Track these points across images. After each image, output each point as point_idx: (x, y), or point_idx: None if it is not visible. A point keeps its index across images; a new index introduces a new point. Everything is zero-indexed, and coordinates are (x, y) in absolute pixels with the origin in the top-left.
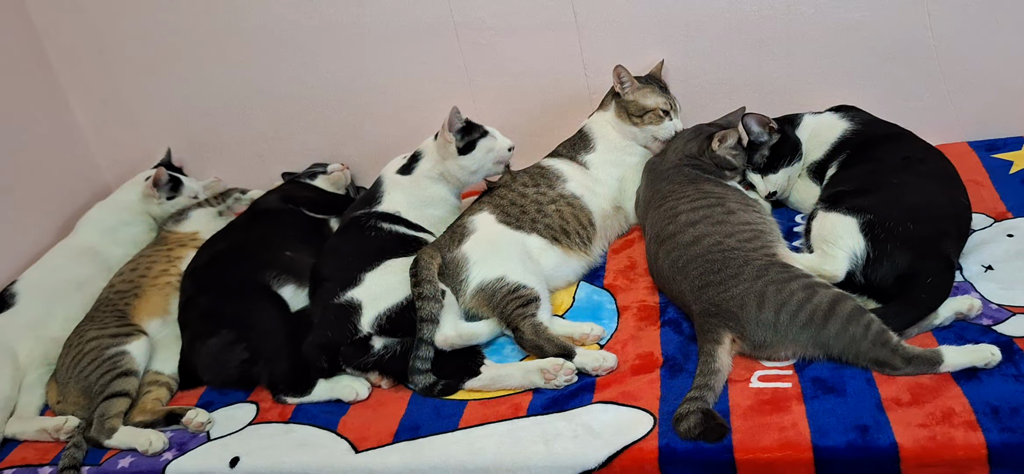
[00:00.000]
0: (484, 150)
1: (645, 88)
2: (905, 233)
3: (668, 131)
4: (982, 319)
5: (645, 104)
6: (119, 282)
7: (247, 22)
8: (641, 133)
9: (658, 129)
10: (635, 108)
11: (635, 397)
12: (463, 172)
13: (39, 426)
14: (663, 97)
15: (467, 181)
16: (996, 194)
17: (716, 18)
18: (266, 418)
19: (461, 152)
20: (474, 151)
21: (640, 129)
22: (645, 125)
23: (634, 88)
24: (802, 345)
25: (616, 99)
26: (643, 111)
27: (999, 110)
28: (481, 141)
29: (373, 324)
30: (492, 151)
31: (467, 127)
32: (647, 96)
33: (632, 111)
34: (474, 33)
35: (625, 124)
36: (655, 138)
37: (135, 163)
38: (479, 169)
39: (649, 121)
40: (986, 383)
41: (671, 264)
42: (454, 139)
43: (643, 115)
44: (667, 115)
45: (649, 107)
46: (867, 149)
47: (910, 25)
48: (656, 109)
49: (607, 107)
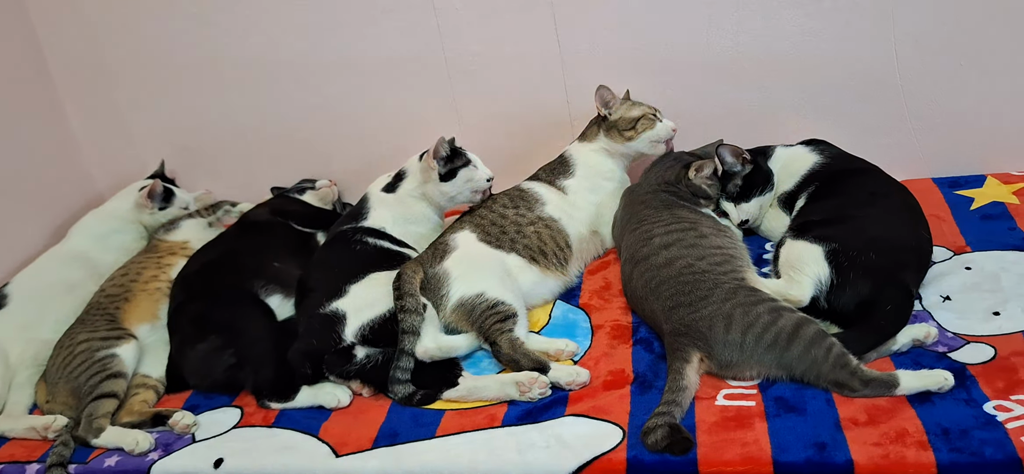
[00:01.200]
0: (464, 179)
1: (627, 103)
2: (867, 263)
3: (665, 129)
4: (938, 346)
5: (632, 115)
6: (110, 287)
7: (242, 42)
8: (638, 144)
9: (654, 132)
10: (624, 122)
11: (606, 411)
12: (442, 197)
13: (28, 424)
14: (644, 105)
15: (445, 205)
16: (957, 228)
17: (693, 53)
18: (250, 422)
19: (442, 178)
20: (454, 179)
21: (637, 140)
22: (640, 133)
23: (619, 104)
24: (766, 366)
25: (603, 124)
26: (633, 122)
27: (962, 148)
28: (462, 170)
29: (356, 334)
30: (471, 181)
31: (452, 154)
32: (631, 109)
33: (623, 127)
34: (461, 59)
35: (619, 144)
36: (654, 142)
37: (128, 173)
38: (458, 195)
39: (643, 128)
40: (938, 406)
41: (644, 285)
42: (437, 166)
43: (635, 125)
44: (656, 117)
45: (638, 116)
46: (835, 182)
47: (879, 65)
48: (645, 114)
49: (593, 138)
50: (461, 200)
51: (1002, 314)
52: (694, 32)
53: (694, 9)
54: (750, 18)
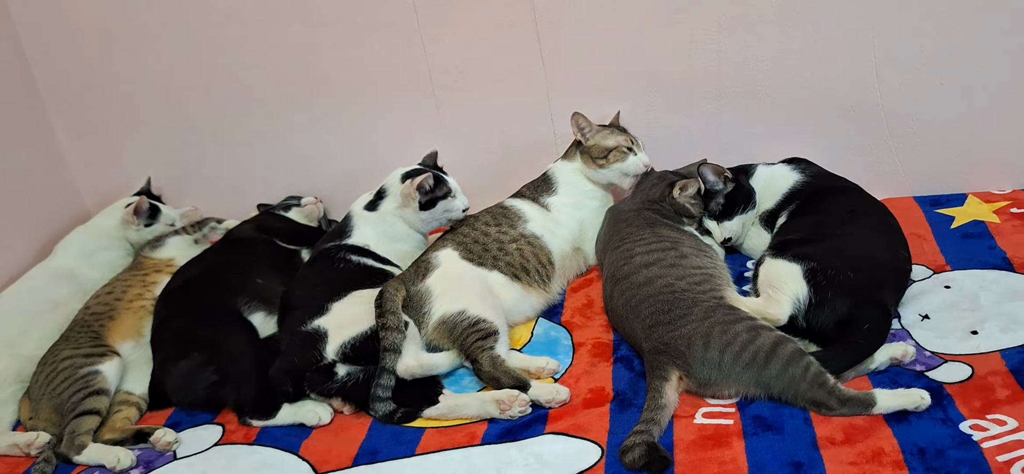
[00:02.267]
0: (441, 210)
1: (605, 130)
2: (846, 281)
3: (636, 165)
4: (916, 365)
5: (606, 145)
6: (95, 304)
7: (229, 60)
8: (609, 173)
9: (625, 165)
10: (598, 150)
11: (585, 429)
12: (419, 222)
13: (11, 441)
14: (623, 135)
15: (421, 228)
16: (937, 247)
17: (677, 72)
18: (231, 439)
19: (422, 208)
20: (434, 209)
21: (607, 169)
22: (611, 164)
23: (594, 132)
24: (744, 384)
25: (579, 147)
26: (606, 152)
27: (943, 167)
28: (442, 201)
29: (338, 352)
30: (449, 211)
31: (434, 184)
32: (607, 137)
33: (595, 154)
34: (446, 77)
35: (591, 169)
36: (624, 174)
37: (115, 190)
38: (433, 222)
39: (614, 159)
40: (915, 425)
41: (625, 303)
42: (418, 196)
43: (607, 155)
44: (630, 151)
45: (611, 146)
46: (815, 200)
47: (860, 85)
48: (619, 147)
49: (572, 157)
50: (435, 225)
51: (980, 333)
52: (677, 53)
53: (677, 30)
54: (732, 39)
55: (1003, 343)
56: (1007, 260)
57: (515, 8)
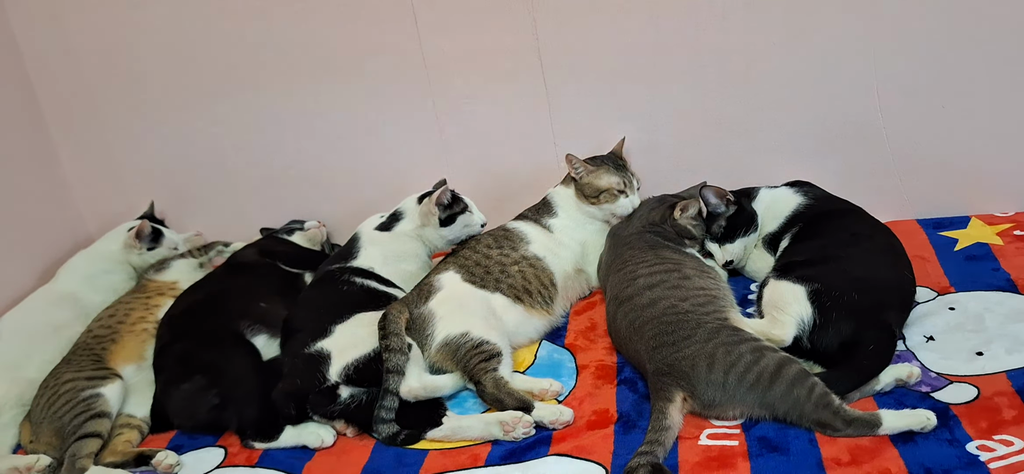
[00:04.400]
0: (462, 225)
1: (599, 169)
2: (850, 303)
3: (624, 208)
4: (921, 386)
5: (599, 185)
6: (97, 327)
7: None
8: (599, 211)
9: (614, 207)
10: (590, 190)
11: (589, 451)
12: (440, 240)
13: (11, 464)
14: (617, 176)
15: (441, 247)
16: (941, 269)
17: (680, 95)
18: (234, 462)
19: (442, 224)
20: (453, 224)
21: (598, 208)
22: (602, 204)
23: (587, 172)
24: (749, 405)
25: (574, 181)
26: (598, 192)
27: (946, 190)
28: (461, 216)
29: (341, 374)
30: (468, 227)
31: (452, 200)
32: (600, 177)
33: (588, 193)
34: (449, 101)
35: (584, 204)
36: (613, 214)
37: (118, 215)
38: (454, 238)
39: (605, 200)
40: (922, 446)
41: (628, 324)
42: (438, 211)
43: (598, 195)
44: (622, 193)
45: (603, 187)
46: (819, 223)
47: (862, 108)
48: (610, 189)
49: (569, 185)
50: (455, 242)
51: (985, 354)
52: (679, 77)
53: (679, 54)
54: (734, 62)
55: (1009, 364)
56: (1011, 282)
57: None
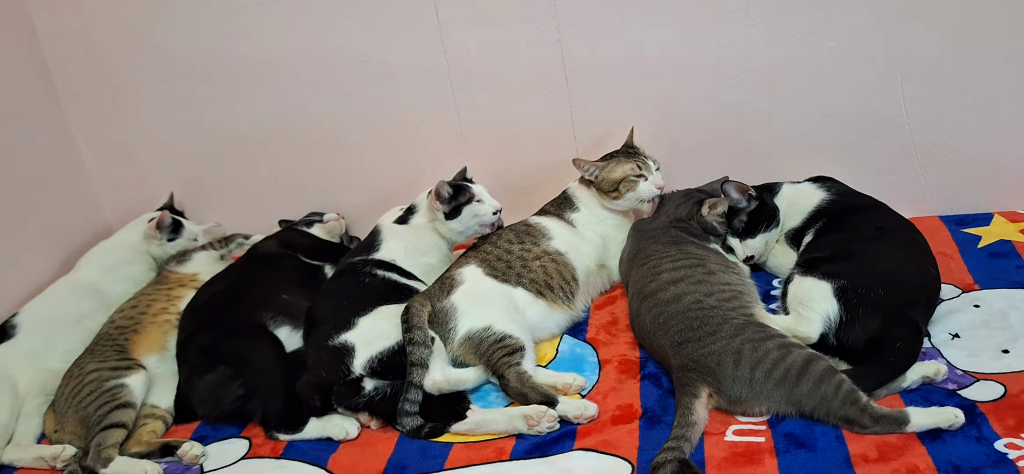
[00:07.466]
0: (470, 215)
1: (610, 163)
2: (876, 299)
3: (649, 190)
4: (948, 383)
5: (614, 177)
6: (120, 318)
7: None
8: (624, 202)
9: (637, 192)
10: (608, 185)
11: (614, 445)
12: (451, 233)
13: (36, 454)
14: (630, 163)
15: (456, 239)
16: (965, 266)
17: (701, 89)
18: (258, 453)
19: (448, 217)
20: (460, 216)
21: (622, 199)
22: (623, 195)
23: (600, 169)
24: (776, 402)
25: (591, 183)
26: (615, 184)
27: (969, 187)
28: (467, 207)
29: (365, 366)
30: (478, 216)
31: (455, 192)
32: (613, 170)
33: (607, 189)
34: (469, 93)
35: (607, 202)
36: (640, 201)
37: (137, 205)
38: (466, 230)
39: (626, 189)
40: (949, 443)
41: (652, 320)
42: (441, 207)
43: (617, 187)
44: (640, 177)
45: (619, 178)
46: (842, 218)
47: (886, 104)
48: (627, 177)
49: (588, 186)
50: (471, 233)
51: (1011, 352)
52: (702, 71)
53: (702, 49)
54: (757, 57)
55: None
56: None
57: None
